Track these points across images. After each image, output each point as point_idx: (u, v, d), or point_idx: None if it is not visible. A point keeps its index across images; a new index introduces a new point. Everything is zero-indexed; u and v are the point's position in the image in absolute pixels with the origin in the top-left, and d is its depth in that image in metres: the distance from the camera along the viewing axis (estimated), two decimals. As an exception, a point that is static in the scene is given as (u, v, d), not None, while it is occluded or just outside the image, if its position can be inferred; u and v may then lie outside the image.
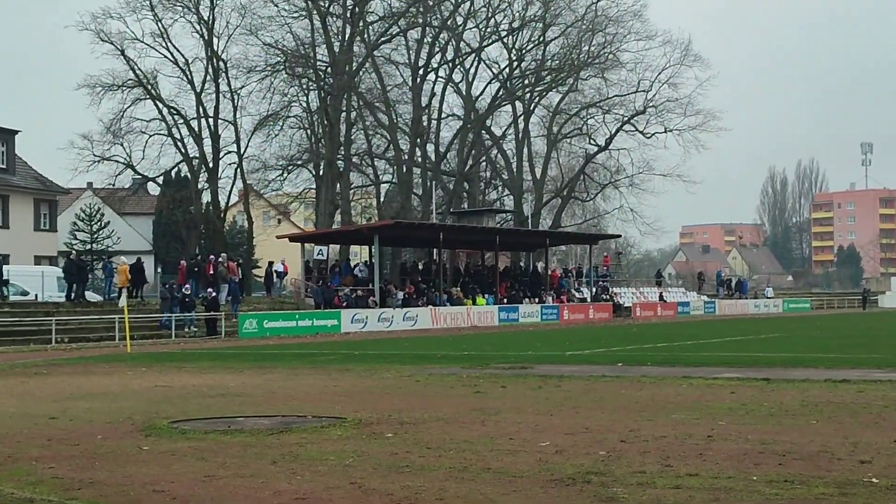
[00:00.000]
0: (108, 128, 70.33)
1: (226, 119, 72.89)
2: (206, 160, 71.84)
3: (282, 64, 74.46)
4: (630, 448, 12.37)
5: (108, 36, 69.46)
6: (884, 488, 9.69)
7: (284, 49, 74.61)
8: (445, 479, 10.44)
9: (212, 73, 71.84)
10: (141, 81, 69.94)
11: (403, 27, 78.95)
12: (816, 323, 61.21)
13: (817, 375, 22.01)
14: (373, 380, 23.04)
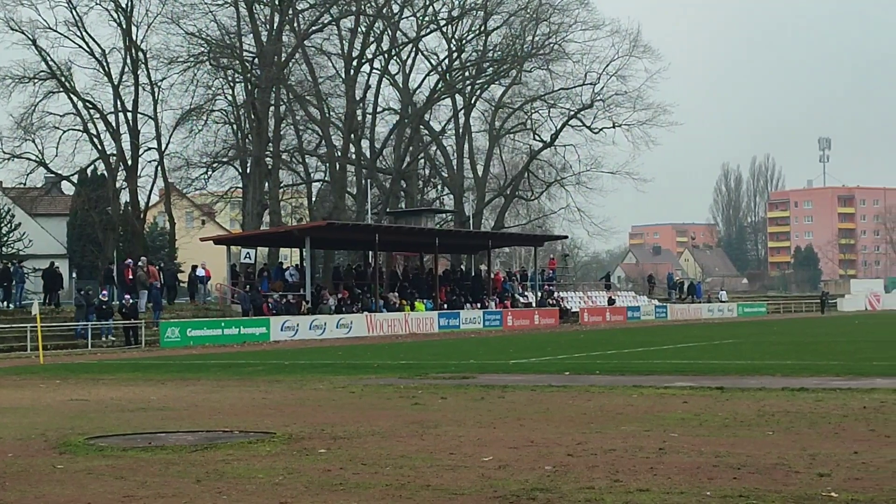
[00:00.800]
0: (18, 123, 69.36)
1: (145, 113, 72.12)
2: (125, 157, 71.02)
3: (206, 55, 73.69)
4: (577, 462, 12.41)
5: (19, 24, 68.57)
6: (843, 503, 9.79)
7: (208, 39, 73.87)
8: (382, 498, 10.42)
9: (130, 65, 71.04)
10: (54, 73, 69.13)
11: (336, 15, 78.54)
12: (773, 328, 61.72)
13: (774, 384, 22.21)
14: (304, 392, 22.97)
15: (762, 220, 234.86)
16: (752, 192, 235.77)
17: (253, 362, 34.54)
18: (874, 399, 18.78)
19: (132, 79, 70.82)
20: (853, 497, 10.03)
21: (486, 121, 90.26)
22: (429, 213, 76.21)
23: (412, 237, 67.88)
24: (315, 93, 78.17)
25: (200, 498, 10.64)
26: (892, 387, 20.92)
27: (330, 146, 78.43)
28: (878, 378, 23.31)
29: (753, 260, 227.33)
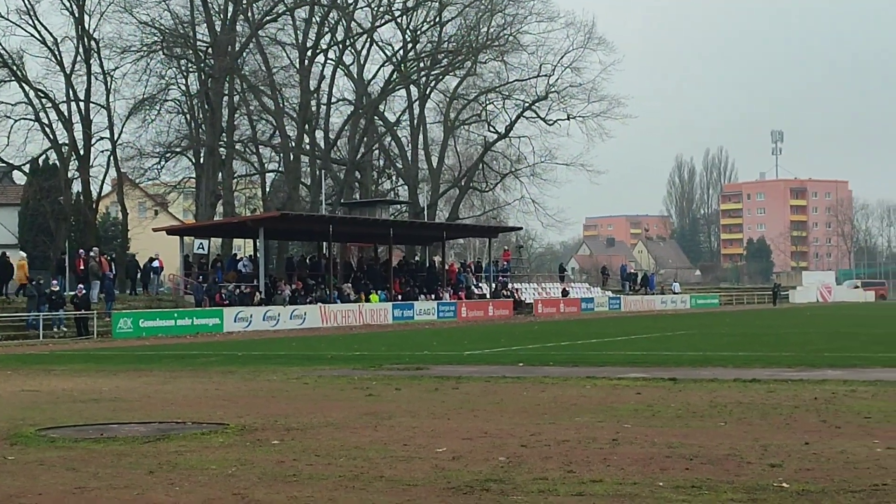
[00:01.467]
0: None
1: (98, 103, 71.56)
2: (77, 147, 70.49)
3: (159, 44, 73.27)
4: (531, 453, 12.43)
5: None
6: (795, 493, 9.85)
7: (162, 28, 73.43)
8: (335, 489, 10.41)
9: (83, 54, 70.46)
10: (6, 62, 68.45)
11: (290, 5, 78.15)
12: (725, 319, 62.06)
13: (726, 375, 22.32)
14: (257, 383, 22.91)
15: (715, 213, 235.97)
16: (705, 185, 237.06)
17: (206, 353, 34.40)
18: (825, 390, 18.91)
19: (85, 68, 70.27)
20: (804, 487, 10.10)
21: (440, 112, 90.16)
22: (383, 205, 76.14)
23: (366, 228, 67.76)
24: (269, 83, 77.82)
25: (153, 489, 10.59)
26: (842, 378, 21.08)
27: (284, 137, 78.17)
28: (829, 369, 23.47)
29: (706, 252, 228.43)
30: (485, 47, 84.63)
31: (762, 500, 9.57)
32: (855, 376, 21.46)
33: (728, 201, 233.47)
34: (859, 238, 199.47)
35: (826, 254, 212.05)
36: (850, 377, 21.26)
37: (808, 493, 9.86)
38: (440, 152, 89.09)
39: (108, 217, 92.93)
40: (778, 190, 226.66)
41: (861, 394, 18.25)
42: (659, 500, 9.63)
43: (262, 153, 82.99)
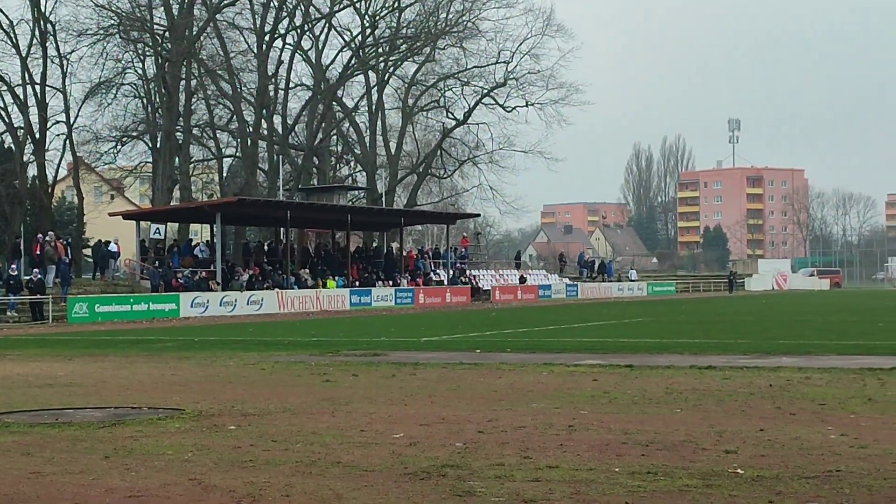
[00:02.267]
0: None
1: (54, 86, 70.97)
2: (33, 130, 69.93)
3: (116, 27, 72.78)
4: (488, 439, 12.46)
5: (-78, -6, 67.37)
6: (749, 479, 9.92)
7: (118, 11, 72.96)
8: (292, 474, 10.40)
9: (38, 37, 69.85)
10: (-41, 44, 68.02)
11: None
12: (681, 307, 62.35)
13: (682, 362, 22.43)
14: (214, 368, 22.85)
15: (672, 200, 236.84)
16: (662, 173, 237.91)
17: (162, 339, 34.29)
18: (780, 377, 19.03)
19: (41, 51, 69.66)
20: (759, 473, 10.16)
21: (399, 98, 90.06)
22: (341, 190, 76.00)
23: (324, 214, 67.69)
24: (227, 67, 77.42)
25: (108, 474, 10.55)
26: (797, 365, 21.22)
27: (241, 122, 77.89)
28: (785, 356, 23.62)
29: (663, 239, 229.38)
30: (443, 33, 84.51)
31: (717, 485, 9.63)
32: (809, 364, 21.60)
33: (685, 189, 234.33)
34: (815, 226, 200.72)
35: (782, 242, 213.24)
36: (804, 364, 21.40)
37: (762, 479, 9.93)
38: (398, 138, 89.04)
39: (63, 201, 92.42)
40: (734, 178, 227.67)
41: (815, 381, 18.37)
42: (615, 485, 9.67)
43: (219, 138, 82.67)
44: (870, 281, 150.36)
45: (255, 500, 9.32)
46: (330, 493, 9.49)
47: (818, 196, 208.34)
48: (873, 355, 23.71)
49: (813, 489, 9.47)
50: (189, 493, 9.62)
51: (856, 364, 21.31)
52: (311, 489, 9.68)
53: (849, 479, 9.86)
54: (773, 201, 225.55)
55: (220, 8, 75.97)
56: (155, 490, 9.78)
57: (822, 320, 42.70)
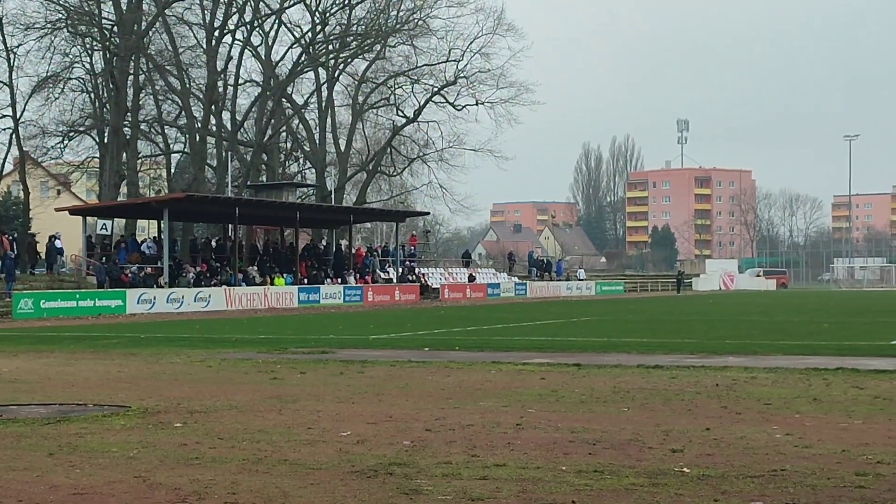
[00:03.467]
0: None
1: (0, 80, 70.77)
2: (-22, 125, 69.74)
3: (63, 21, 72.46)
4: (435, 437, 12.47)
5: None
6: (695, 478, 9.97)
7: (66, 5, 72.57)
8: (238, 472, 10.37)
9: (-15, 30, 69.65)
10: None
11: (199, -15, 77.77)
12: (629, 306, 62.62)
13: (630, 361, 22.52)
14: (160, 365, 22.72)
15: (621, 200, 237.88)
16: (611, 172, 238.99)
17: (108, 335, 34.08)
18: (726, 377, 19.14)
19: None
20: (704, 472, 10.22)
21: (349, 95, 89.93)
22: (290, 187, 75.75)
23: (273, 211, 67.48)
24: (175, 63, 77.03)
25: (53, 471, 10.48)
26: (744, 365, 21.36)
27: (190, 117, 77.49)
28: (731, 356, 23.76)
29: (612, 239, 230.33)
30: (394, 31, 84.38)
31: (663, 484, 9.67)
32: (755, 363, 21.74)
33: (634, 189, 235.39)
34: (762, 227, 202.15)
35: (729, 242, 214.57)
36: (750, 364, 21.54)
37: (708, 477, 9.99)
38: (348, 136, 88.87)
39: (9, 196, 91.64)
40: (683, 178, 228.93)
41: (761, 381, 18.50)
42: (561, 484, 9.70)
43: (167, 133, 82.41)
44: (816, 282, 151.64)
45: (201, 497, 9.28)
46: (276, 491, 9.46)
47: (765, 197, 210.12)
48: (818, 355, 23.89)
49: (758, 488, 9.54)
50: (134, 491, 9.57)
51: (801, 364, 21.47)
52: (258, 487, 9.66)
53: (793, 479, 9.93)
54: (720, 202, 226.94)
55: (169, 3, 75.60)
56: (100, 487, 9.72)
57: (769, 320, 43.01)
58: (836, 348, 26.12)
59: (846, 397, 16.10)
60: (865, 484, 9.68)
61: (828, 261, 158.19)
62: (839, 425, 13.35)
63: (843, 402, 15.59)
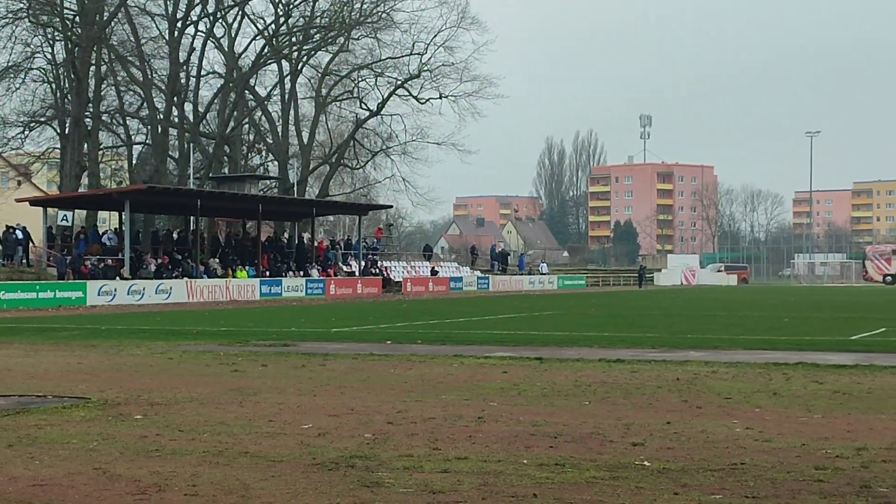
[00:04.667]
0: None
1: (-40, 69, 70.36)
2: (-63, 115, 69.31)
3: (25, 11, 72.09)
4: (397, 430, 12.46)
5: None
6: (655, 471, 10.01)
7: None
8: (198, 464, 10.34)
9: (-56, 19, 69.22)
10: None
11: (161, -26, 77.57)
12: (591, 300, 62.78)
13: (591, 355, 22.57)
14: (121, 357, 22.63)
15: (584, 195, 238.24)
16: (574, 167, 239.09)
17: (68, 327, 33.90)
18: (687, 371, 19.22)
19: (-54, 33, 68.73)
20: (665, 466, 10.26)
21: (312, 88, 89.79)
22: (252, 180, 75.57)
23: (235, 203, 67.26)
24: (137, 54, 76.86)
25: (12, 463, 10.42)
26: (704, 359, 21.45)
27: (152, 108, 77.27)
28: (692, 350, 23.86)
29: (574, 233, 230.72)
30: (358, 23, 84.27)
31: (624, 477, 9.70)
32: (716, 358, 21.84)
33: (596, 184, 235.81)
34: (723, 222, 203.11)
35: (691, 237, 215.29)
36: (711, 359, 21.64)
37: (668, 471, 10.02)
38: (311, 128, 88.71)
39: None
40: (645, 174, 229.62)
41: (722, 375, 18.58)
42: (522, 477, 9.71)
43: (129, 125, 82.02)
44: (776, 277, 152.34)
45: (161, 489, 9.25)
46: (237, 483, 9.44)
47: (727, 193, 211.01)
48: (778, 350, 24.02)
49: (718, 482, 9.58)
50: (94, 483, 9.53)
51: (761, 359, 21.59)
52: (218, 479, 9.63)
53: (753, 472, 9.98)
54: (682, 197, 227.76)
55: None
56: (59, 479, 9.67)
57: (729, 315, 43.21)
58: (796, 343, 26.25)
59: (806, 392, 16.19)
60: (825, 478, 9.74)
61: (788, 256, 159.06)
62: (799, 420, 13.43)
63: (802, 396, 15.69)
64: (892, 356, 22.39)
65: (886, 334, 30.29)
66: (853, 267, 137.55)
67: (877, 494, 9.09)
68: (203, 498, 8.92)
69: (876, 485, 9.47)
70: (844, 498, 8.94)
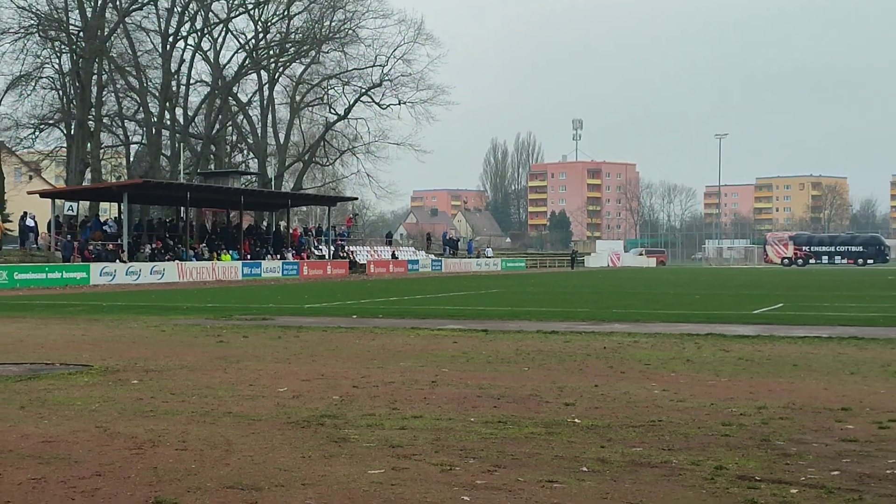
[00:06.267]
0: None
1: (-22, 78, 69.74)
2: (-42, 118, 68.70)
3: (35, 27, 71.86)
4: (361, 393, 12.45)
5: None
6: (584, 428, 10.05)
7: (38, 12, 72.10)
8: (188, 423, 10.29)
9: (-37, 34, 68.61)
10: None
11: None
12: (530, 280, 62.86)
13: (530, 327, 22.61)
14: (120, 330, 22.48)
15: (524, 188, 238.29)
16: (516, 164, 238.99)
17: (74, 303, 33.63)
18: (613, 341, 19.29)
19: (-35, 46, 68.13)
20: (593, 423, 10.30)
21: (287, 95, 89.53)
22: (235, 175, 75.23)
23: (220, 195, 66.87)
24: (134, 65, 76.59)
25: (24, 422, 10.34)
26: (627, 331, 21.54)
27: (147, 112, 76.95)
28: (617, 323, 23.96)
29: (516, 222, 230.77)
30: (327, 39, 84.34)
31: (557, 433, 9.74)
32: (637, 329, 21.94)
33: (535, 179, 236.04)
34: (644, 213, 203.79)
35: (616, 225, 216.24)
36: (633, 330, 21.74)
37: (596, 427, 10.07)
38: (286, 130, 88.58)
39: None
40: (577, 170, 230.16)
41: (642, 344, 18.66)
42: (470, 433, 9.73)
43: (127, 127, 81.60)
44: (690, 260, 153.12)
45: (155, 445, 9.20)
46: (222, 440, 9.41)
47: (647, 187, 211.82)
48: (691, 323, 24.15)
49: (638, 436, 9.63)
50: (96, 439, 9.47)
51: (676, 330, 21.70)
52: (205, 436, 9.59)
53: (668, 428, 10.04)
54: (609, 191, 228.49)
55: (129, 11, 75.25)
56: (65, 436, 9.61)
57: (649, 293, 43.39)
58: (707, 317, 26.42)
59: (714, 359, 16.29)
60: (730, 433, 9.81)
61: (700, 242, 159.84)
62: (708, 383, 13.50)
63: (711, 362, 15.78)
64: (789, 327, 22.57)
65: (783, 309, 30.52)
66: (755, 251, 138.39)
67: (775, 447, 9.16)
68: (192, 452, 8.88)
69: (774, 438, 9.55)
70: (747, 450, 9.01)
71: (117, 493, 7.50)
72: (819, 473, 8.12)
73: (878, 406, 11.47)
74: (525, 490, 7.55)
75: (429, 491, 7.51)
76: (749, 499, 7.32)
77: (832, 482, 7.83)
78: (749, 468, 8.28)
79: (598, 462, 8.49)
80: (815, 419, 10.60)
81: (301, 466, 8.31)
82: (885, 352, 17.36)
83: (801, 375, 14.21)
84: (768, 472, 8.17)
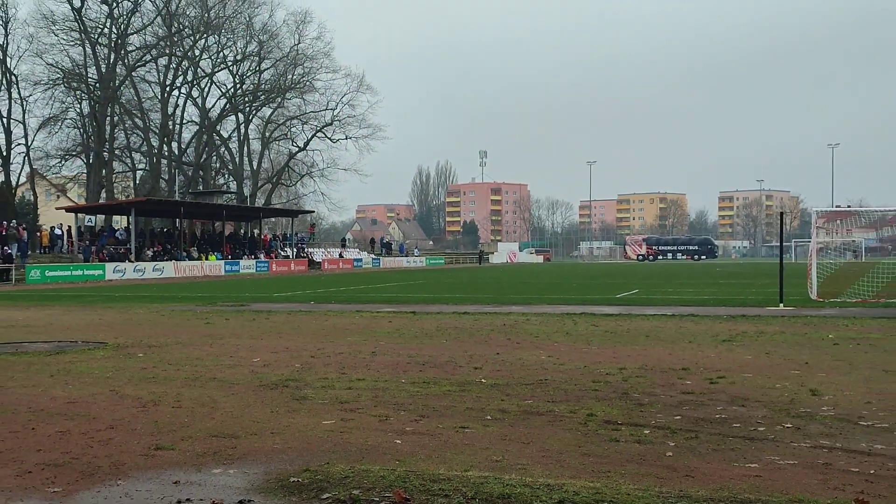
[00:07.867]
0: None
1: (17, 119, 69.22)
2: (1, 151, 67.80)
3: (61, 79, 71.63)
4: (317, 361, 12.39)
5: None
6: (489, 386, 10.09)
7: (63, 68, 71.78)
8: (182, 387, 10.16)
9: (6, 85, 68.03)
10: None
11: (155, 55, 77.06)
12: (448, 274, 62.99)
13: (448, 309, 22.66)
14: (129, 314, 22.13)
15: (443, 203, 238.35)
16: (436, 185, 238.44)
17: (92, 294, 33.04)
18: (510, 319, 19.39)
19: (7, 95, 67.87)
20: (495, 382, 10.34)
21: (259, 131, 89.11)
22: (219, 194, 74.64)
23: (207, 210, 66.17)
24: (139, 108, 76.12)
25: (53, 387, 10.14)
26: (521, 311, 21.66)
27: (149, 146, 76.55)
28: (514, 306, 24.08)
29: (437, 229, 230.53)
30: (290, 89, 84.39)
31: (468, 390, 9.76)
32: (529, 310, 22.07)
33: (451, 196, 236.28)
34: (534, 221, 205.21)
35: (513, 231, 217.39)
36: (526, 311, 21.86)
37: (497, 385, 10.11)
38: (258, 159, 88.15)
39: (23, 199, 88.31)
40: (483, 190, 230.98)
41: (533, 322, 18.78)
42: (401, 391, 9.72)
43: (133, 157, 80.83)
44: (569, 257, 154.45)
45: (156, 403, 9.07)
46: (208, 399, 9.30)
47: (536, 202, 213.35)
48: (569, 305, 24.35)
49: (529, 391, 9.68)
50: (109, 400, 9.32)
51: (558, 311, 21.86)
52: (196, 396, 9.48)
53: (552, 385, 10.11)
54: (507, 205, 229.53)
55: (135, 67, 75.05)
56: (85, 398, 9.44)
57: (538, 282, 43.67)
58: (581, 300, 26.65)
59: (587, 332, 16.44)
60: (598, 388, 9.90)
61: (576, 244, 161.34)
62: (582, 350, 13.63)
63: (584, 335, 15.92)
64: (643, 307, 22.85)
65: (639, 294, 30.89)
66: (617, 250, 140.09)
67: (632, 398, 9.27)
68: (185, 409, 8.77)
69: (632, 392, 9.65)
70: (612, 401, 9.10)
71: (126, 441, 7.40)
72: (665, 418, 8.22)
73: (709, 367, 11.65)
74: (443, 434, 7.55)
75: (369, 436, 7.49)
76: (613, 438, 7.39)
77: (675, 424, 7.94)
78: (613, 415, 8.36)
79: (500, 412, 8.52)
80: (662, 377, 10.74)
81: (270, 419, 8.24)
82: (715, 325, 17.64)
83: (652, 344, 14.39)
84: (627, 417, 8.25)
